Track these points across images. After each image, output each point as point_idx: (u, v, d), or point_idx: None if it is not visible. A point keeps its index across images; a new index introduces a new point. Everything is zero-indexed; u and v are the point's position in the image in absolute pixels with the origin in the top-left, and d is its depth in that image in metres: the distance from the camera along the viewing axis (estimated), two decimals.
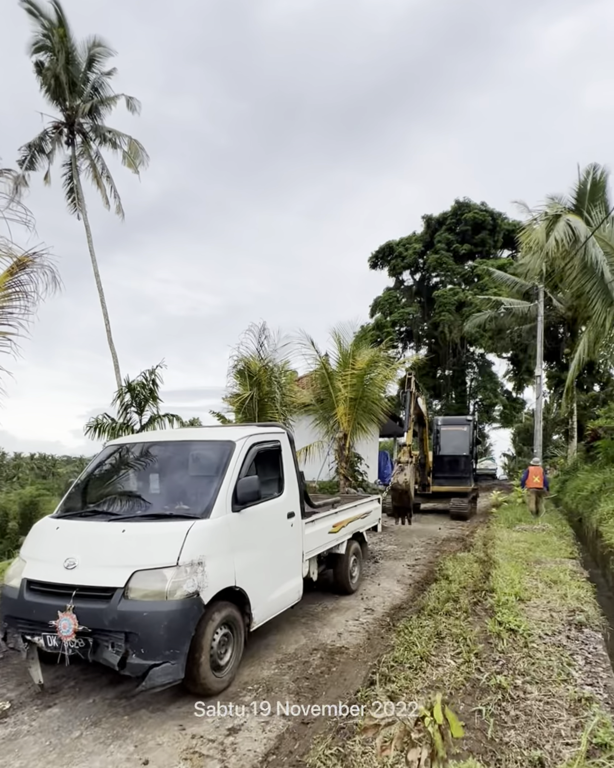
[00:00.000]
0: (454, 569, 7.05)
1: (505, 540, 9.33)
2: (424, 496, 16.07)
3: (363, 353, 15.17)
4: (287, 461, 5.17)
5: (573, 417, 21.11)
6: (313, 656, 4.35)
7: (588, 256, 10.28)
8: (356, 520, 6.78)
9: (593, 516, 11.01)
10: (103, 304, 20.97)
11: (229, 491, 4.14)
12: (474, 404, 47.33)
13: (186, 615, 3.42)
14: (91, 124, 20.26)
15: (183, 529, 3.70)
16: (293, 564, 5.01)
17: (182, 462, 4.76)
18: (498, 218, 41.83)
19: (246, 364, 10.79)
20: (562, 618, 5.29)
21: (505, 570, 6.98)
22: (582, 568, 7.69)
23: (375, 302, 45.16)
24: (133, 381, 15.44)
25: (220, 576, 3.78)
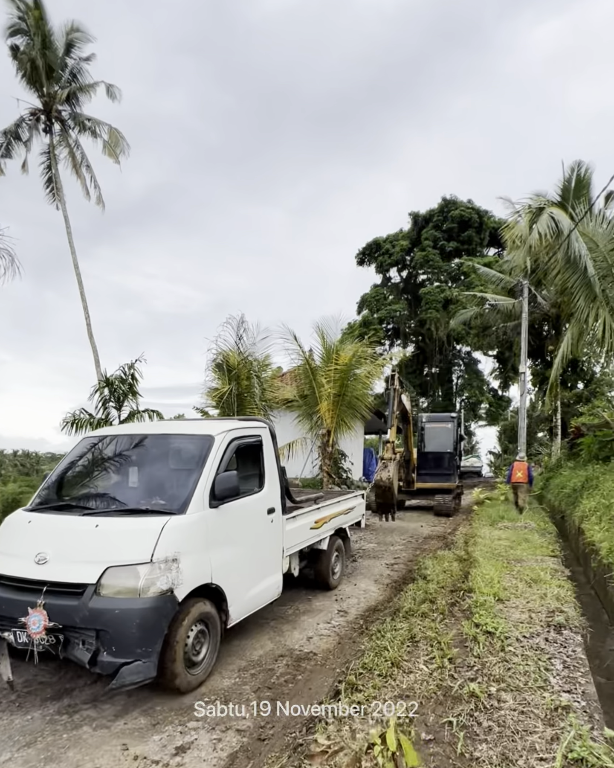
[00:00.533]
0: (433, 568, 6.86)
1: (487, 538, 9.18)
2: (409, 493, 16.07)
3: (347, 348, 14.97)
4: (268, 456, 5.08)
5: (557, 414, 21.14)
6: (279, 663, 4.10)
7: (572, 251, 10.14)
8: (339, 515, 6.70)
9: (575, 513, 10.91)
10: (83, 297, 20.50)
11: (207, 487, 4.06)
12: (461, 402, 47.47)
13: (159, 613, 3.36)
14: (70, 111, 19.74)
15: (158, 525, 3.61)
16: (273, 560, 4.93)
17: (160, 456, 4.65)
18: (485, 216, 41.90)
19: (224, 358, 10.50)
20: (541, 619, 5.11)
21: (485, 569, 6.81)
22: (563, 566, 7.55)
23: (363, 299, 45.03)
24: (112, 376, 15.08)
25: (195, 573, 3.71)
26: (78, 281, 20.36)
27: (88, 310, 20.48)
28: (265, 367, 11.88)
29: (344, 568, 6.91)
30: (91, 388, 14.50)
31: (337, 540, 6.71)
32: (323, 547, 6.18)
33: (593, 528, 8.80)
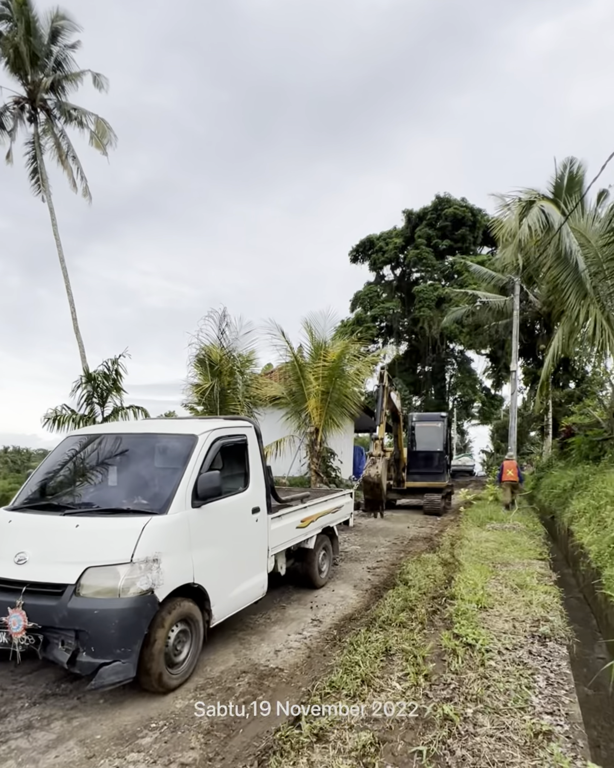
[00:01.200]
0: (416, 573, 6.57)
1: (474, 540, 8.92)
2: (399, 492, 15.97)
3: (336, 345, 14.67)
4: (253, 456, 5.06)
5: (548, 414, 20.93)
6: (240, 681, 3.78)
7: (563, 246, 9.85)
8: (326, 514, 6.64)
9: (565, 514, 10.67)
10: (69, 291, 20.06)
11: (189, 486, 4.04)
12: (454, 400, 47.34)
13: (139, 613, 3.35)
14: (55, 100, 19.26)
15: (138, 525, 3.60)
16: (257, 560, 4.90)
17: (143, 455, 4.61)
18: (478, 214, 41.65)
19: (207, 353, 10.16)
20: (525, 629, 4.83)
21: (469, 573, 6.53)
22: (550, 570, 7.29)
23: (356, 297, 44.73)
24: (95, 371, 14.70)
25: (176, 573, 3.71)
26: (64, 275, 19.93)
27: (73, 305, 20.05)
28: (250, 363, 11.53)
29: (331, 566, 6.87)
30: (73, 384, 14.15)
31: (325, 539, 6.65)
32: (310, 546, 6.13)
33: (582, 530, 8.55)
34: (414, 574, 6.51)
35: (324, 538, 6.61)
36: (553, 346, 13.22)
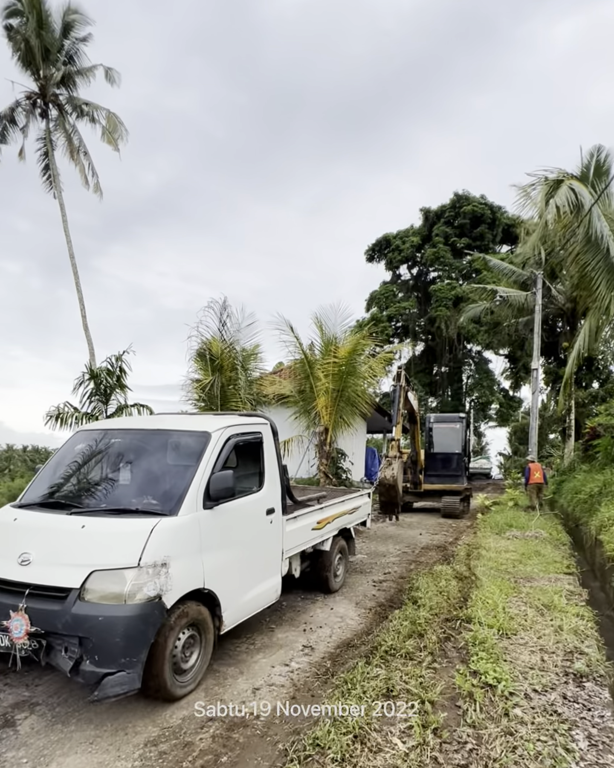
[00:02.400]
0: (427, 589, 5.76)
1: (492, 550, 8.06)
2: (416, 494, 15.51)
3: (347, 340, 13.90)
4: (269, 454, 4.82)
5: (570, 415, 19.81)
6: (204, 732, 3.03)
7: (593, 230, 8.96)
8: (343, 515, 6.34)
9: (592, 522, 9.72)
10: (79, 288, 19.67)
11: (201, 487, 3.83)
12: (470, 402, 46.07)
13: (145, 620, 3.16)
14: (67, 95, 18.88)
15: (147, 527, 3.41)
16: (271, 563, 4.68)
17: (154, 452, 4.36)
18: (498, 212, 40.43)
19: (207, 347, 9.48)
20: (557, 663, 4.01)
21: (488, 591, 5.70)
22: (580, 586, 6.41)
23: (371, 296, 43.80)
24: (98, 367, 14.17)
25: (186, 577, 3.51)
26: (73, 271, 19.55)
27: (83, 302, 19.66)
28: (253, 357, 10.81)
29: (347, 569, 6.55)
30: (75, 381, 13.65)
31: (341, 541, 6.35)
32: (325, 548, 5.86)
33: (613, 541, 7.64)
34: (425, 590, 5.71)
35: (340, 540, 6.33)
36: (578, 342, 12.27)
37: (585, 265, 9.37)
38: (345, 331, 13.89)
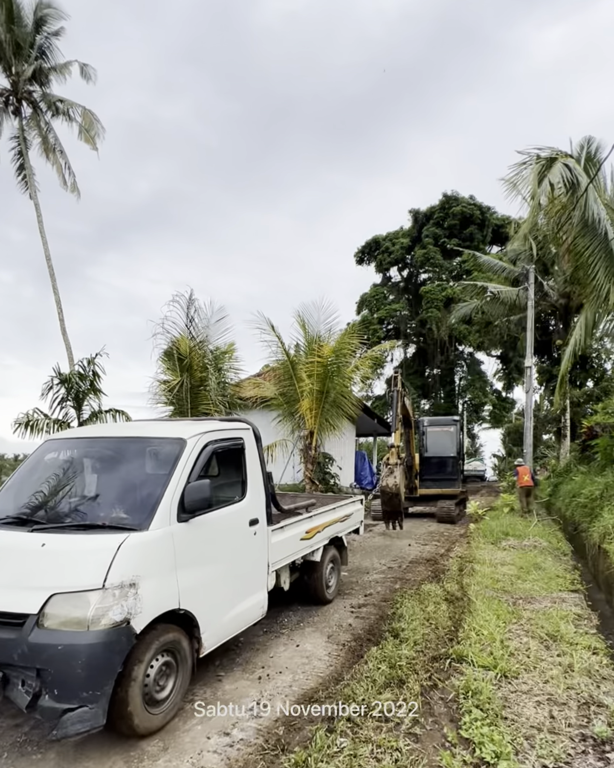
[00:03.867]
0: (412, 616, 4.88)
1: (487, 563, 7.19)
2: (411, 499, 14.92)
3: (331, 339, 13.08)
4: (251, 462, 4.47)
5: (565, 414, 19.04)
6: None
7: (589, 212, 8.19)
8: (335, 523, 5.99)
9: (594, 529, 8.86)
10: (56, 291, 18.78)
11: (175, 498, 3.50)
12: (463, 404, 45.34)
13: (110, 649, 2.82)
14: (41, 92, 18.05)
15: (113, 544, 3.08)
16: (256, 577, 4.33)
17: (124, 462, 4.02)
18: (487, 212, 39.86)
19: (175, 345, 8.60)
20: (571, 722, 3.15)
21: (483, 617, 4.83)
22: (588, 607, 5.55)
23: (362, 299, 43.07)
24: (70, 372, 13.26)
25: (158, 598, 3.19)
26: (50, 273, 18.66)
27: (60, 305, 18.76)
28: (228, 357, 9.94)
29: (340, 579, 6.20)
30: (44, 386, 12.73)
31: (332, 550, 6.00)
32: (316, 558, 5.52)
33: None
34: (410, 618, 4.83)
35: (332, 550, 5.98)
36: (575, 335, 11.47)
37: (582, 252, 8.59)
38: (330, 329, 13.12)
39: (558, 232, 9.40)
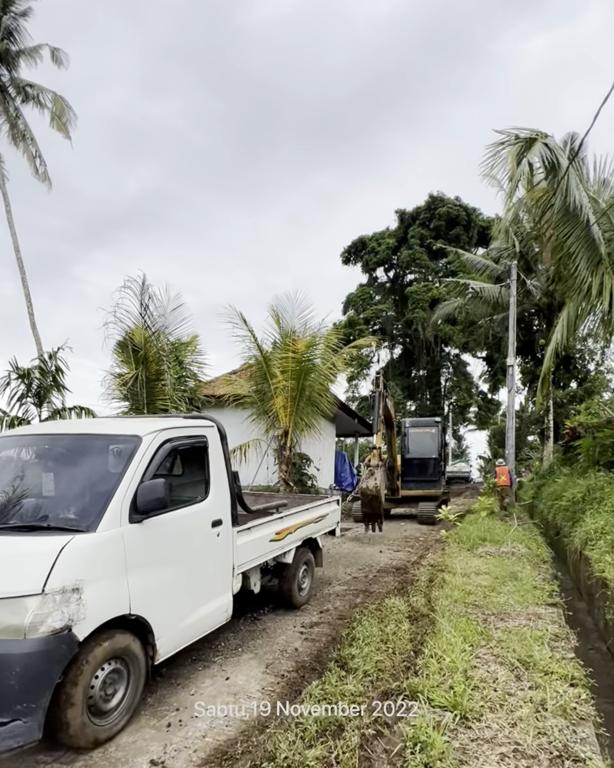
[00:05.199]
0: (368, 639, 4.24)
1: (460, 573, 6.57)
2: (393, 501, 14.79)
3: (306, 333, 12.45)
4: (215, 460, 4.30)
5: (549, 415, 18.59)
6: None
7: (571, 199, 7.64)
8: (308, 524, 5.80)
9: (575, 533, 8.32)
10: (25, 284, 17.94)
11: (126, 498, 3.30)
12: (449, 405, 44.98)
13: (48, 658, 2.62)
14: (8, 76, 17.22)
15: (55, 547, 2.87)
16: (218, 580, 4.15)
17: (76, 461, 3.81)
18: (473, 213, 39.56)
19: (129, 335, 7.89)
20: None
21: (448, 639, 4.20)
22: (566, 625, 4.95)
23: (348, 299, 42.53)
24: (30, 367, 12.43)
25: (105, 603, 2.98)
26: (19, 266, 17.82)
27: (30, 298, 17.93)
28: (191, 350, 9.24)
29: (314, 582, 6.01)
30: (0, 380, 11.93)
31: (306, 552, 5.82)
32: (288, 560, 5.33)
33: (603, 559, 6.21)
34: (365, 640, 4.18)
35: (305, 551, 5.78)
36: (556, 333, 10.95)
37: (563, 241, 8.06)
38: (305, 324, 12.49)
39: (540, 220, 8.86)
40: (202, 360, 9.43)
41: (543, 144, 7.19)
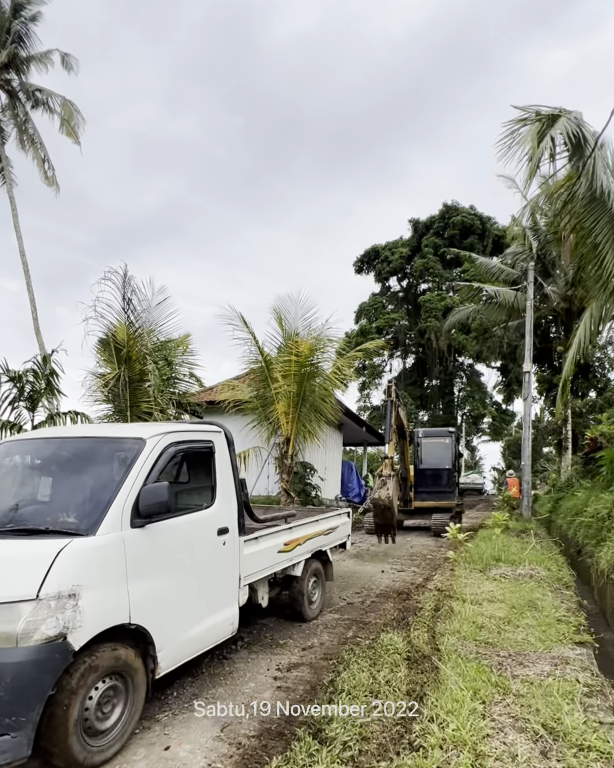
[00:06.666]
0: (353, 690, 3.37)
1: (470, 600, 5.65)
2: (406, 512, 14.36)
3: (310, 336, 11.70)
4: (222, 467, 4.11)
5: (567, 425, 17.48)
6: None
7: (597, 183, 6.78)
8: (318, 536, 5.61)
9: (601, 554, 7.32)
10: (29, 288, 17.56)
11: (128, 501, 3.12)
12: (462, 415, 43.73)
13: (40, 668, 2.43)
14: (18, 80, 17.01)
15: (52, 550, 2.73)
16: (224, 591, 3.90)
17: (78, 463, 3.63)
18: (487, 222, 38.64)
19: (111, 332, 7.21)
20: None
21: (454, 693, 3.32)
22: (601, 674, 4.01)
23: (360, 308, 41.76)
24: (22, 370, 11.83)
25: (104, 611, 2.79)
26: (24, 270, 17.44)
27: (35, 303, 17.52)
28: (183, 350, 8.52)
29: (324, 594, 5.80)
30: None
31: (315, 564, 5.60)
32: (297, 573, 5.13)
33: None
34: (350, 693, 3.31)
35: (314, 564, 5.57)
36: (577, 336, 10.01)
37: (587, 233, 7.19)
38: (309, 326, 11.74)
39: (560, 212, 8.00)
40: (193, 361, 8.68)
41: (568, 119, 6.36)
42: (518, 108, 6.53)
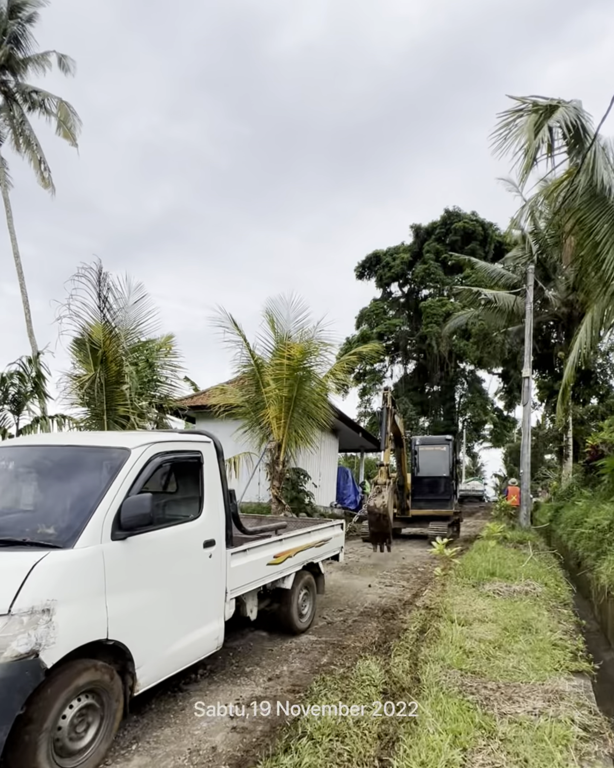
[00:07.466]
0: (317, 733, 2.95)
1: (460, 620, 5.20)
2: (404, 521, 14.17)
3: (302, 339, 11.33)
4: (210, 478, 3.97)
5: (568, 432, 17.01)
6: None
7: (598, 179, 6.41)
8: (309, 548, 5.49)
9: (602, 567, 6.86)
10: (23, 290, 17.27)
11: (109, 513, 3.02)
12: (463, 422, 43.19)
13: (8, 686, 2.30)
14: (14, 82, 16.82)
15: (27, 563, 2.61)
16: (210, 605, 3.77)
17: (60, 473, 3.51)
18: (489, 228, 38.32)
19: (87, 332, 6.84)
20: None
21: (431, 740, 2.89)
22: (600, 712, 3.57)
23: (361, 314, 41.45)
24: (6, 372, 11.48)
25: (79, 627, 2.68)
26: (18, 272, 17.17)
27: (28, 305, 17.23)
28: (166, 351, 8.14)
29: (315, 607, 5.66)
30: None
31: (306, 576, 5.48)
32: (286, 585, 5.02)
33: None
34: (311, 740, 2.89)
35: (305, 576, 5.46)
36: (578, 340, 9.59)
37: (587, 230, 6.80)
38: (301, 328, 11.37)
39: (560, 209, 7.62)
40: (177, 363, 8.30)
41: (567, 108, 5.98)
42: (514, 98, 6.16)
